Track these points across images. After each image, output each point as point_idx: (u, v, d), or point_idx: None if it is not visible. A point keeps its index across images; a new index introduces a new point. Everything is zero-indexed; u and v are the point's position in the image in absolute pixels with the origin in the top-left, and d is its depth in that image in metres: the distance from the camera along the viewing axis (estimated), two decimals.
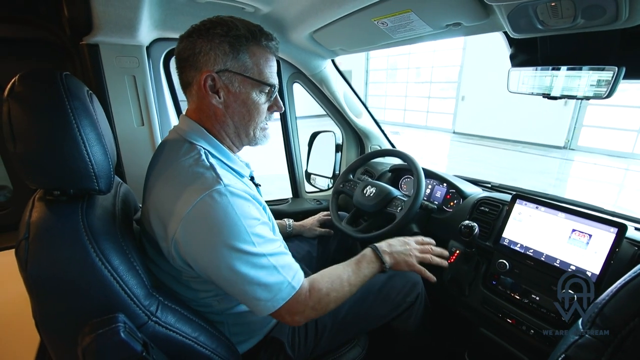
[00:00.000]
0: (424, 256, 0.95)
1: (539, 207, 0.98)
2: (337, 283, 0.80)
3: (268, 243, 0.68)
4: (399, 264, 0.91)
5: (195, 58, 0.69)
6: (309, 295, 0.74)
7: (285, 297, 0.68)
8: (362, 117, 1.71)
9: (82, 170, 0.57)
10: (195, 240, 0.63)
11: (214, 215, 0.62)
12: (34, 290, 0.52)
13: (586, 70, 0.72)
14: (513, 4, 0.68)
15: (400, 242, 0.96)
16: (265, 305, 0.67)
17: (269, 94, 0.78)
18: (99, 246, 0.55)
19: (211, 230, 0.62)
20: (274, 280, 0.67)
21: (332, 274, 0.82)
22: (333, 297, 0.78)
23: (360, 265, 0.87)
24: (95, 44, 1.03)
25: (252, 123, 0.77)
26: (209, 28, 0.69)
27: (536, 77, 0.83)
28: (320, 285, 0.77)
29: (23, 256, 0.52)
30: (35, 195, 0.62)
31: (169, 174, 0.68)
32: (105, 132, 0.65)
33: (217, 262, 0.63)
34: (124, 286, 0.55)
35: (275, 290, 0.67)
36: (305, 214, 1.62)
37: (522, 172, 6.49)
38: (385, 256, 0.90)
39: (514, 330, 0.95)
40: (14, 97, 0.54)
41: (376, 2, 0.85)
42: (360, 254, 0.91)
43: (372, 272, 0.88)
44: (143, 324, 0.57)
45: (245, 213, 0.64)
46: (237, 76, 0.71)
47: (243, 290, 0.66)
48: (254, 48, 0.72)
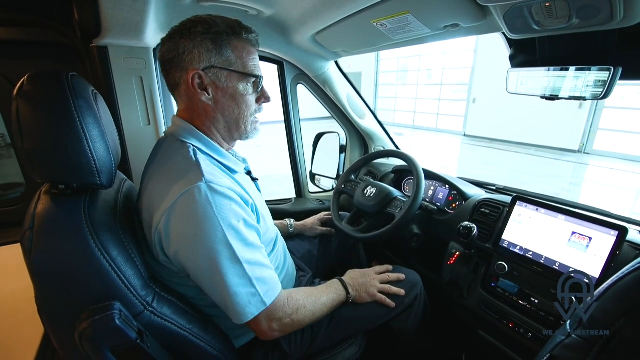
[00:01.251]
0: (383, 287, 1.01)
1: (539, 209, 0.97)
2: (312, 299, 0.84)
3: (246, 249, 0.68)
4: (361, 296, 0.97)
5: (180, 58, 0.72)
6: (288, 302, 0.76)
7: (253, 312, 0.69)
8: (366, 119, 1.72)
9: (85, 165, 0.60)
10: (174, 231, 0.65)
11: (194, 211, 0.63)
12: (37, 278, 0.55)
13: (583, 71, 0.72)
14: (508, 5, 0.69)
15: (361, 274, 1.03)
16: (236, 315, 0.68)
17: (256, 86, 0.80)
18: (99, 238, 0.58)
19: (189, 225, 0.64)
20: (244, 290, 0.67)
21: (307, 290, 0.87)
22: (309, 311, 0.82)
23: (329, 291, 0.92)
24: (104, 46, 1.07)
25: (242, 116, 0.79)
26: (190, 27, 0.71)
27: (535, 77, 0.82)
28: (297, 296, 0.80)
29: (27, 245, 0.55)
30: (41, 189, 0.66)
31: (161, 171, 0.72)
32: (109, 130, 0.68)
33: (192, 257, 0.65)
34: (122, 276, 0.58)
35: (244, 302, 0.67)
36: (308, 213, 1.64)
37: (533, 176, 6.35)
38: (349, 288, 0.96)
39: (512, 334, 0.94)
40: (23, 96, 0.57)
41: (374, 4, 0.86)
42: (329, 282, 0.97)
43: (340, 300, 0.93)
44: (139, 313, 0.59)
45: (224, 213, 0.65)
46: (222, 71, 0.74)
47: (215, 291, 0.67)
48: (236, 42, 0.74)
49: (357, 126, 1.73)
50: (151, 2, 0.93)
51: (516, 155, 8.06)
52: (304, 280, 1.09)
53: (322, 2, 0.95)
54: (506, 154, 8.25)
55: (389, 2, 0.83)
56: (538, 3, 0.65)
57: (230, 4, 1.05)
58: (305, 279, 1.10)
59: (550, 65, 0.82)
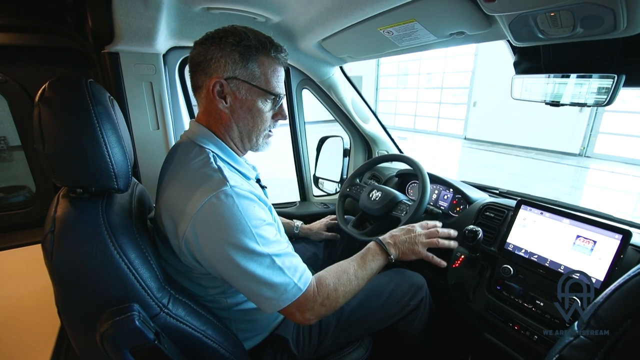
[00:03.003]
0: (431, 241, 0.95)
1: (544, 212, 0.98)
2: (344, 278, 0.81)
3: (273, 244, 0.71)
4: (405, 254, 0.93)
5: (206, 64, 0.74)
6: (317, 291, 0.76)
7: (291, 298, 0.70)
8: (370, 123, 1.74)
9: (104, 170, 0.62)
10: (204, 238, 0.66)
11: (221, 215, 0.65)
12: (58, 279, 0.56)
13: (587, 78, 0.74)
14: (513, 14, 0.71)
15: (404, 230, 0.97)
16: (271, 304, 0.70)
17: (274, 103, 0.81)
18: (117, 240, 0.59)
19: (218, 228, 0.65)
20: (279, 280, 0.69)
21: (338, 270, 0.83)
22: (341, 292, 0.79)
23: (365, 259, 0.88)
24: (116, 52, 1.09)
25: (255, 129, 0.81)
26: (222, 37, 0.73)
27: (539, 84, 0.84)
28: (327, 280, 0.78)
29: (49, 248, 0.56)
30: (59, 193, 0.67)
31: (180, 176, 0.73)
32: (124, 135, 0.70)
33: (224, 259, 0.66)
34: (139, 278, 0.59)
35: (280, 290, 0.69)
36: (313, 217, 1.65)
37: (534, 180, 6.36)
38: (390, 248, 0.91)
39: (518, 336, 0.95)
40: (44, 102, 0.59)
41: (382, 12, 0.88)
42: (365, 248, 0.93)
43: (379, 264, 0.89)
44: (155, 314, 0.61)
45: (250, 213, 0.68)
46: (244, 84, 0.75)
47: (249, 287, 0.69)
48: (263, 58, 0.76)
49: (361, 130, 1.75)
50: (163, 10, 0.96)
51: (517, 159, 8.08)
52: None
53: (329, 9, 0.98)
54: (507, 157, 8.27)
55: (397, 10, 0.85)
56: (543, 13, 0.67)
57: (239, 11, 1.07)
58: None
59: (554, 72, 0.84)
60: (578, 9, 0.62)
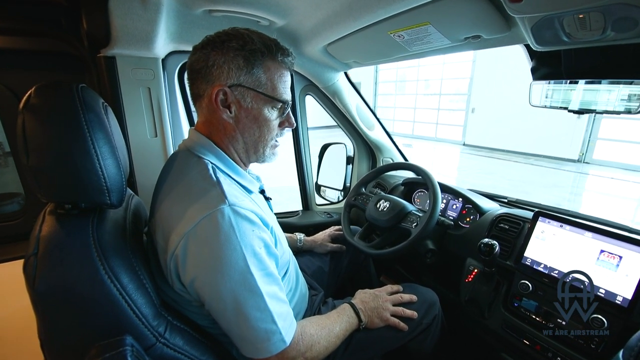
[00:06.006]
0: (396, 309, 0.97)
1: (564, 225, 0.93)
2: (325, 331, 0.79)
3: (268, 279, 0.64)
4: (373, 321, 0.93)
5: (208, 71, 0.68)
6: (302, 339, 0.71)
7: (272, 350, 0.64)
8: (375, 130, 1.70)
9: (95, 183, 0.56)
10: (193, 258, 0.60)
11: (215, 236, 0.59)
12: (41, 309, 0.50)
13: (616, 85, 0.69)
14: (537, 16, 0.66)
15: (372, 297, 0.98)
16: (250, 349, 0.64)
17: (281, 110, 0.76)
18: (108, 263, 0.53)
19: (209, 251, 0.59)
20: (265, 326, 0.63)
21: (319, 322, 0.81)
22: (323, 346, 0.77)
23: (341, 319, 0.87)
24: (112, 56, 1.04)
25: (262, 140, 0.76)
26: (224, 41, 0.68)
27: (561, 90, 0.80)
28: (310, 330, 0.75)
29: (31, 273, 0.50)
30: (46, 209, 0.61)
31: (177, 189, 0.67)
32: (118, 145, 0.64)
33: (210, 287, 0.60)
34: (133, 305, 0.53)
35: (263, 338, 0.63)
36: (316, 227, 1.59)
37: (534, 186, 6.34)
38: (361, 314, 0.91)
39: (539, 357, 0.90)
40: (29, 109, 0.53)
41: (394, 15, 0.84)
42: (340, 307, 0.92)
43: (352, 328, 0.89)
44: (151, 345, 0.55)
45: (247, 238, 0.61)
46: (249, 91, 0.70)
47: (230, 323, 0.63)
48: (269, 63, 0.71)
49: (366, 137, 1.70)
50: (162, 12, 0.91)
51: (516, 165, 8.08)
52: (316, 300, 1.04)
53: (337, 13, 0.93)
54: (506, 163, 8.27)
55: (410, 12, 0.80)
56: (571, 14, 0.62)
57: (242, 14, 1.03)
58: (317, 298, 1.06)
59: (576, 78, 0.79)
60: (611, 10, 0.58)
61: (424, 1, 0.74)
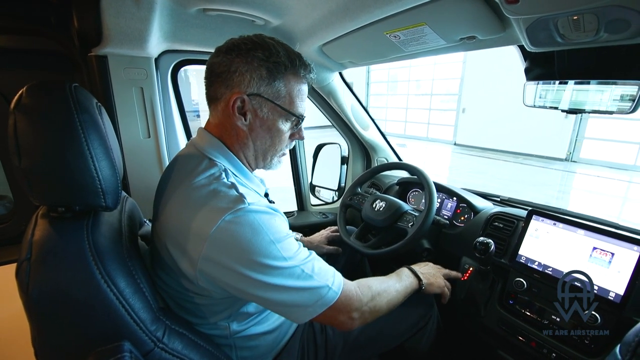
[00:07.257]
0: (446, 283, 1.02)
1: (557, 223, 0.95)
2: (385, 285, 0.82)
3: (298, 253, 0.66)
4: (432, 285, 0.96)
5: (229, 76, 0.67)
6: (360, 291, 0.73)
7: (328, 302, 0.66)
8: (369, 130, 1.70)
9: (89, 185, 0.55)
10: (224, 260, 0.60)
11: (242, 234, 0.59)
12: (35, 316, 0.49)
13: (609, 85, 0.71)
14: (532, 18, 0.67)
15: (427, 266, 1.03)
16: (307, 311, 0.65)
17: (295, 124, 0.77)
18: (104, 267, 0.52)
19: (240, 249, 0.59)
20: (313, 284, 0.65)
21: (379, 278, 0.84)
22: (384, 298, 0.79)
23: (401, 278, 0.90)
24: (103, 55, 1.02)
25: (272, 149, 0.76)
26: (250, 49, 0.67)
27: (554, 91, 0.81)
28: (369, 282, 0.78)
29: (24, 279, 0.48)
30: (38, 212, 0.59)
31: (187, 191, 0.65)
32: (113, 146, 0.62)
33: (250, 280, 0.60)
34: (130, 310, 0.52)
35: (315, 295, 0.65)
36: (312, 227, 1.59)
37: (523, 184, 6.46)
38: (421, 276, 0.94)
39: (535, 354, 0.91)
40: (21, 110, 0.51)
41: (390, 16, 0.84)
42: (398, 270, 0.95)
43: (412, 286, 0.91)
44: (149, 351, 0.53)
45: (272, 229, 0.63)
46: (267, 102, 0.70)
47: (281, 301, 0.63)
48: (291, 77, 0.71)
49: (361, 137, 1.71)
50: (156, 10, 0.89)
51: (506, 164, 8.21)
52: None
53: (333, 13, 0.93)
54: (496, 162, 8.40)
55: (406, 13, 0.81)
56: (565, 16, 0.63)
57: (237, 13, 1.01)
58: None
59: (569, 79, 0.81)
60: (605, 12, 0.59)
61: (421, 2, 0.74)
